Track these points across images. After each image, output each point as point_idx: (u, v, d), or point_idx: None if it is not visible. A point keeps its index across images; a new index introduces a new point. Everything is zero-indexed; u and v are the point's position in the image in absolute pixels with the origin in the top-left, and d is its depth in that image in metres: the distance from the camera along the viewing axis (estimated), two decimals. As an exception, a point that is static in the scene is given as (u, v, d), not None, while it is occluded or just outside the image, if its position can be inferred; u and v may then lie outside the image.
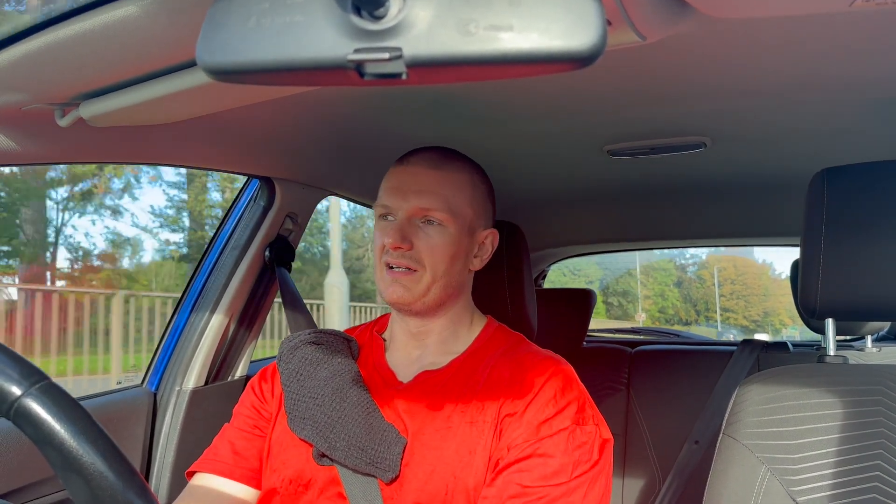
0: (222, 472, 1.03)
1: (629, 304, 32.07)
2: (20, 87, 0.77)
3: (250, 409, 1.08)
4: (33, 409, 0.50)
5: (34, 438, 0.50)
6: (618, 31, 0.66)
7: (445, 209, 0.99)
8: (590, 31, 0.36)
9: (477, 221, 1.04)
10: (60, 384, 0.53)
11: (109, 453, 0.50)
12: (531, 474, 0.88)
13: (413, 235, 0.99)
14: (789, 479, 0.93)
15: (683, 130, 1.33)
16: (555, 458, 0.89)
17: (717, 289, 32.68)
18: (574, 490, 0.88)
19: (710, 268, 33.21)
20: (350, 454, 0.94)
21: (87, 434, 0.50)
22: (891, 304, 0.99)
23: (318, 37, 0.38)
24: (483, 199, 1.06)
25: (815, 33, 0.85)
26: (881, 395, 0.95)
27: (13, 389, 0.50)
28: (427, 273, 0.99)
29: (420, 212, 0.99)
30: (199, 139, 1.17)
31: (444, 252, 0.99)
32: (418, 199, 0.99)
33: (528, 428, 0.91)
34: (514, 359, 1.01)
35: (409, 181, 1.01)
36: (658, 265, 33.02)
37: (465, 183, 1.03)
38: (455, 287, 1.03)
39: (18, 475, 1.11)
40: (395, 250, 0.98)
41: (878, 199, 1.00)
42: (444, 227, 0.99)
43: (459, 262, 1.02)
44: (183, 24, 0.62)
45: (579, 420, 0.93)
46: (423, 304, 1.00)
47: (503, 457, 0.91)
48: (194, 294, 1.51)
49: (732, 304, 33.26)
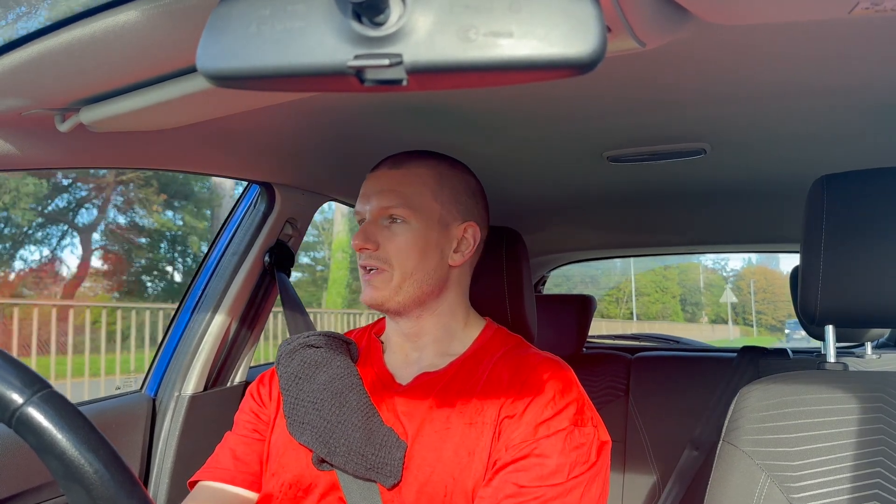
0: (223, 479, 1.03)
1: (698, 310, 43.34)
2: (20, 92, 0.77)
3: (249, 413, 1.08)
4: (35, 418, 0.50)
5: (35, 447, 0.50)
6: (617, 37, 0.66)
7: (405, 205, 1.00)
8: (589, 37, 0.36)
9: (448, 215, 1.04)
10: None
11: (111, 463, 0.50)
12: (528, 474, 0.88)
13: (378, 235, 1.01)
14: (789, 486, 0.92)
15: (683, 137, 1.33)
16: (552, 458, 0.89)
17: (752, 296, 40.88)
18: (570, 491, 0.88)
19: (747, 279, 42.89)
20: (350, 460, 0.94)
21: (88, 443, 0.50)
22: (890, 310, 0.99)
23: (318, 43, 0.38)
24: (453, 192, 1.05)
25: (815, 40, 0.86)
26: (881, 402, 0.95)
27: (15, 397, 0.50)
28: (396, 271, 1.00)
29: (382, 211, 1.01)
30: (199, 145, 1.17)
31: (409, 248, 1.00)
32: (378, 199, 1.01)
33: (526, 428, 0.91)
34: (514, 361, 1.01)
35: (373, 185, 1.04)
36: (710, 281, 44.08)
37: (428, 177, 1.03)
38: (433, 283, 1.02)
39: (17, 481, 1.10)
40: (360, 251, 1.01)
41: (877, 206, 1.01)
42: (408, 224, 1.00)
43: (432, 257, 1.02)
44: (184, 29, 0.62)
45: (578, 421, 0.93)
46: (398, 302, 1.01)
47: (500, 457, 0.91)
48: (194, 299, 1.51)
49: (764, 308, 41.84)
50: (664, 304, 40.66)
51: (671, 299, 41.33)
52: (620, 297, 39.36)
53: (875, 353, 2.23)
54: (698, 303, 43.66)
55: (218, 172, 1.33)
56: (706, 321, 40.61)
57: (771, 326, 39.17)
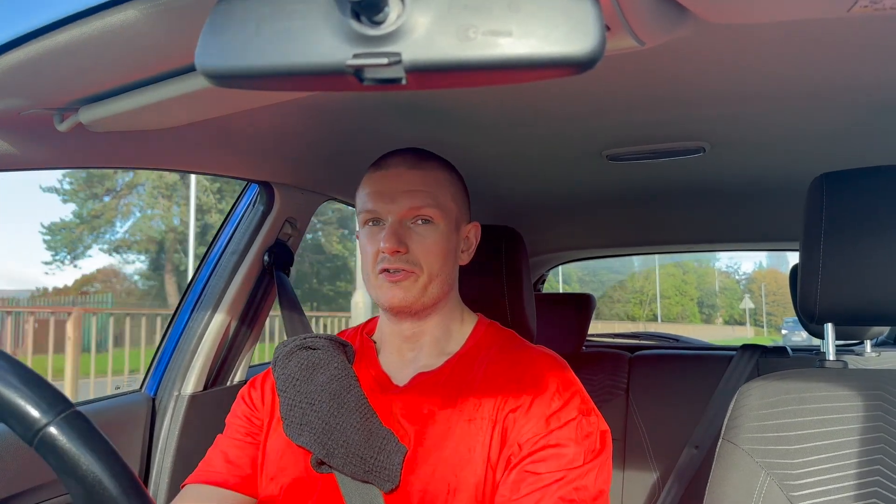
0: (215, 482, 1.02)
1: (714, 312, 47.18)
2: (19, 91, 0.77)
3: (241, 418, 1.08)
4: (58, 440, 0.49)
5: (56, 468, 0.49)
6: (616, 36, 0.66)
7: (435, 206, 0.99)
8: (588, 36, 0.36)
9: (461, 216, 1.05)
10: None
11: (132, 489, 0.50)
12: (547, 464, 0.89)
13: (407, 237, 0.98)
14: (789, 483, 0.92)
15: (682, 135, 1.33)
16: (568, 447, 0.90)
17: (763, 298, 44.13)
18: (587, 473, 0.90)
19: (759, 283, 46.66)
20: (349, 462, 0.93)
21: (110, 468, 0.49)
22: (890, 308, 0.99)
23: (317, 42, 0.38)
24: (461, 193, 1.07)
25: (814, 38, 0.86)
26: (881, 400, 0.95)
27: (38, 417, 0.49)
28: (424, 273, 0.98)
29: (412, 212, 0.99)
30: (198, 144, 1.17)
31: (438, 250, 0.99)
32: (409, 199, 0.98)
33: (537, 422, 0.92)
34: (510, 355, 1.01)
35: (393, 184, 1.00)
36: (725, 284, 48.00)
37: (445, 179, 1.03)
38: (450, 284, 1.03)
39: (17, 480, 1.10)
40: (392, 255, 0.96)
41: (876, 204, 1.01)
42: (436, 225, 0.99)
43: (451, 258, 1.02)
44: (182, 28, 0.62)
45: (584, 411, 0.95)
46: (422, 304, 1.00)
47: (514, 453, 0.91)
48: (193, 298, 1.51)
49: (774, 310, 44.90)
50: (683, 306, 43.15)
51: (689, 302, 44.11)
52: (644, 299, 40.60)
53: (874, 350, 2.23)
54: (714, 305, 47.05)
55: (217, 172, 1.32)
56: (721, 322, 43.63)
57: (780, 327, 42.85)
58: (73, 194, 21.05)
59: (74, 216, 21.57)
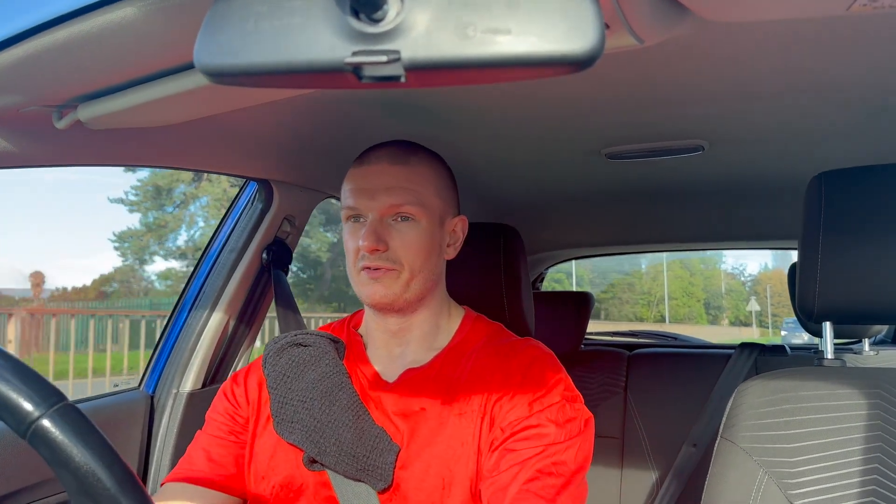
0: (198, 481, 1.00)
1: (720, 313, 48.09)
2: (17, 88, 0.77)
3: (223, 415, 1.05)
4: (50, 432, 0.49)
5: (49, 460, 0.49)
6: (615, 34, 0.66)
7: (416, 203, 0.97)
8: (587, 34, 0.36)
9: (446, 211, 1.03)
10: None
11: (125, 481, 0.50)
12: (527, 442, 0.90)
13: (387, 235, 0.97)
14: (787, 482, 0.93)
15: (681, 134, 1.33)
16: (549, 427, 0.91)
17: (768, 299, 44.76)
18: (567, 449, 0.91)
19: (764, 284, 46.83)
20: (341, 460, 0.93)
21: (103, 460, 0.49)
22: (888, 307, 0.99)
23: (316, 39, 0.38)
24: (447, 187, 1.05)
25: (813, 36, 0.86)
26: (879, 399, 0.95)
27: (31, 410, 0.49)
28: (405, 270, 0.97)
29: (392, 209, 0.97)
30: (196, 141, 1.17)
31: (419, 247, 0.98)
32: (388, 196, 0.97)
33: (520, 408, 0.93)
34: (497, 348, 1.01)
35: (375, 180, 0.98)
36: (730, 286, 49.29)
37: (430, 174, 1.02)
38: (434, 279, 1.02)
39: (15, 478, 1.10)
40: (371, 253, 0.96)
41: (875, 203, 1.01)
42: (417, 222, 0.98)
43: (434, 253, 1.01)
44: (181, 26, 0.61)
45: (568, 398, 0.95)
46: (405, 300, 0.99)
47: (497, 437, 0.92)
48: (191, 296, 1.51)
49: (779, 311, 45.25)
50: (690, 307, 43.98)
51: (696, 303, 44.69)
52: (651, 300, 41.10)
53: (873, 349, 2.24)
54: (720, 306, 48.03)
55: (215, 169, 1.32)
56: (727, 323, 44.24)
57: (780, 327, 42.30)
58: (138, 205, 21.53)
59: (141, 224, 22.04)
